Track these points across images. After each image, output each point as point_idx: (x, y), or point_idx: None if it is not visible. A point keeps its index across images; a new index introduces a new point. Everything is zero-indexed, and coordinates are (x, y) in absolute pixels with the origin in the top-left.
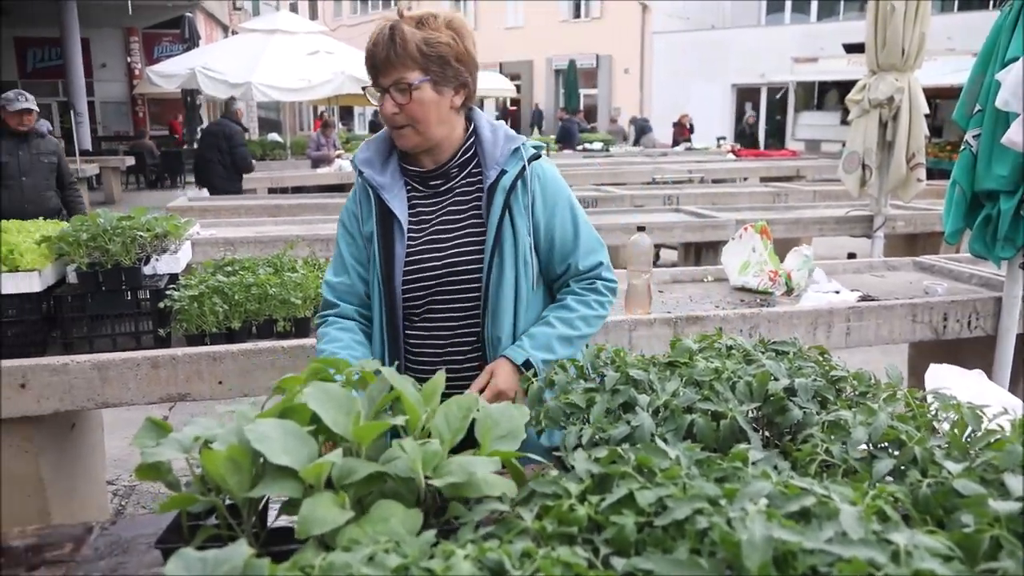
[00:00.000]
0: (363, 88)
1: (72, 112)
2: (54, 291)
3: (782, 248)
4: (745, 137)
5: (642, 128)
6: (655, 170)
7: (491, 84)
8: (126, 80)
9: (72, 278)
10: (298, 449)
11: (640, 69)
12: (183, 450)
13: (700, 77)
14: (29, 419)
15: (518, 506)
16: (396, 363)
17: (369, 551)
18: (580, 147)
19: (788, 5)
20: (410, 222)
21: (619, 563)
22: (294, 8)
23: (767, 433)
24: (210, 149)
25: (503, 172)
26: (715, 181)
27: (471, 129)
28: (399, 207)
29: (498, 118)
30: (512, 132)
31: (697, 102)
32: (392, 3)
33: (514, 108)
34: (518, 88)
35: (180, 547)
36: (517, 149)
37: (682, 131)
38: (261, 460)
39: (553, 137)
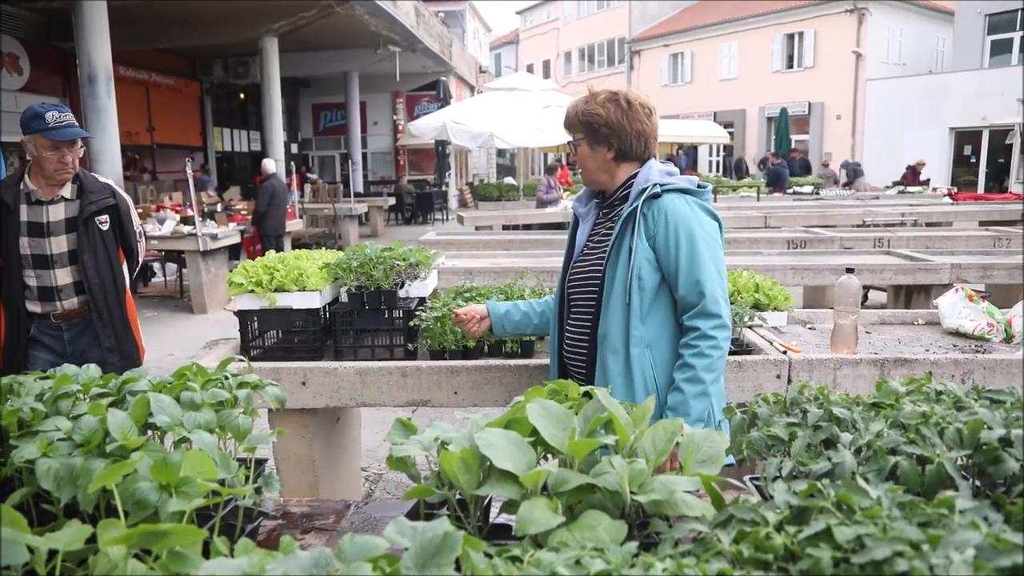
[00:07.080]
0: None
1: (349, 161)
2: (331, 308)
3: (1005, 296)
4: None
5: (854, 172)
6: (866, 213)
7: (705, 132)
8: (391, 134)
9: (343, 298)
10: (519, 457)
11: (852, 115)
12: (424, 448)
13: (915, 121)
14: (306, 411)
15: (716, 528)
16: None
17: (576, 554)
18: (790, 190)
19: (1016, 46)
20: (589, 238)
21: None
22: (530, 69)
23: (977, 483)
24: None
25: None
26: (929, 225)
27: (636, 172)
28: (583, 228)
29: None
30: (658, 177)
31: (912, 146)
32: (616, 63)
33: (726, 154)
34: (731, 135)
35: None
36: (644, 189)
37: (915, 178)
38: (487, 464)
39: (763, 181)
